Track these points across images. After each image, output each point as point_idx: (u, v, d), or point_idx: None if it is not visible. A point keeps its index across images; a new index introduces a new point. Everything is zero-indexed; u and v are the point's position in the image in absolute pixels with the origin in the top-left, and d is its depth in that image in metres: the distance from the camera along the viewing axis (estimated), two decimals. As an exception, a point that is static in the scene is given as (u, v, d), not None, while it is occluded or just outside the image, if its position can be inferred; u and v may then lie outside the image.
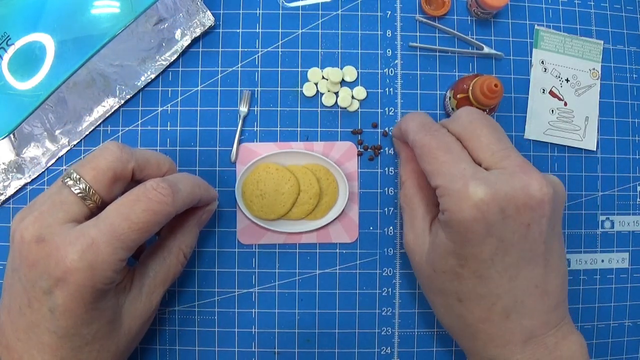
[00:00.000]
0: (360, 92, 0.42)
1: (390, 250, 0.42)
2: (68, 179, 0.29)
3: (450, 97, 0.40)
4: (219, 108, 0.42)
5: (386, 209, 0.42)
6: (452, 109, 0.40)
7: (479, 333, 0.32)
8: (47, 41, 0.35)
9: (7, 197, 0.41)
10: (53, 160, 0.41)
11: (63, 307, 0.28)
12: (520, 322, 0.31)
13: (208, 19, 0.41)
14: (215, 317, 0.41)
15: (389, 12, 0.43)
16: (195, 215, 0.35)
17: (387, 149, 0.42)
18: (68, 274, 0.27)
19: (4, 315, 0.30)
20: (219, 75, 0.42)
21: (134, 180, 0.32)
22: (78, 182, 0.29)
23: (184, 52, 0.42)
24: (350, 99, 0.42)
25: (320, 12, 0.43)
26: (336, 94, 0.42)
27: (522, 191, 0.29)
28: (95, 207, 0.30)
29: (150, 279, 0.33)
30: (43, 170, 0.41)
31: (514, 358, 0.31)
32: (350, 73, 0.42)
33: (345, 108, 0.42)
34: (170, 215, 0.30)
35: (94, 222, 0.28)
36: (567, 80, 0.43)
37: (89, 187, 0.29)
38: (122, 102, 0.41)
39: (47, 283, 0.28)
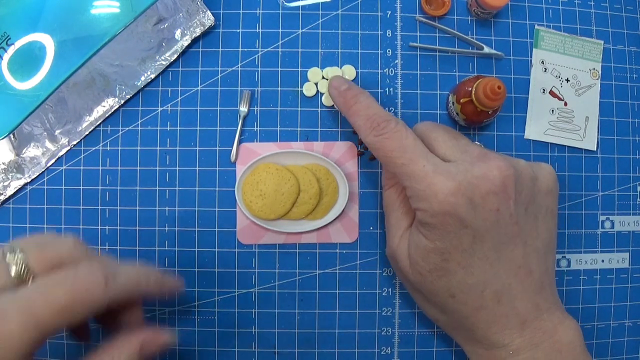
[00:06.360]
0: None
1: (390, 250, 0.42)
2: (9, 255, 0.26)
3: (453, 102, 0.40)
4: (219, 108, 0.42)
5: (386, 209, 0.42)
6: (457, 113, 0.40)
7: (476, 323, 0.33)
8: (47, 41, 0.35)
9: (7, 197, 0.41)
10: (53, 160, 0.41)
11: None
12: (512, 304, 0.32)
13: (208, 18, 0.41)
14: (215, 317, 0.41)
15: (389, 12, 0.43)
16: (139, 337, 0.28)
17: (387, 149, 0.42)
18: None
19: None
20: (219, 75, 0.42)
21: None
22: (18, 264, 0.26)
23: (184, 52, 0.42)
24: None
25: (320, 12, 0.43)
26: (336, 94, 0.42)
27: (483, 178, 0.30)
28: (24, 284, 0.26)
29: None
30: (43, 170, 0.41)
31: (514, 342, 0.32)
32: (349, 72, 0.42)
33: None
34: (99, 306, 0.26)
35: (10, 292, 0.25)
36: (567, 80, 0.43)
37: (26, 271, 0.26)
38: (122, 102, 0.41)
39: None
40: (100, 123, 0.41)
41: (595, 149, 0.43)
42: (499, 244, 0.31)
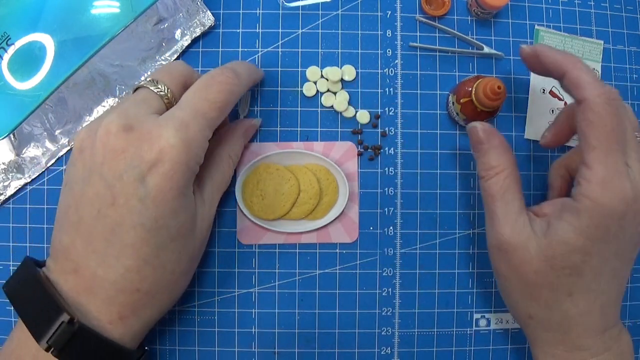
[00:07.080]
0: (364, 115, 0.42)
1: (390, 251, 0.41)
2: (147, 84, 0.33)
3: (453, 102, 0.40)
4: (219, 108, 0.42)
5: (386, 209, 0.42)
6: (457, 113, 0.40)
7: (576, 326, 0.32)
8: (47, 41, 0.35)
9: (7, 197, 0.41)
10: (53, 160, 0.41)
11: (155, 192, 0.29)
12: (608, 314, 0.32)
13: (208, 18, 0.41)
14: (215, 317, 0.41)
15: (389, 12, 0.43)
16: (242, 126, 0.39)
17: (387, 148, 0.42)
18: (163, 152, 0.29)
19: (71, 235, 0.30)
20: (219, 75, 0.42)
21: None
22: (156, 84, 0.32)
23: (184, 52, 0.42)
24: (347, 104, 0.42)
25: (320, 12, 0.43)
26: (335, 94, 0.42)
27: None
28: (172, 106, 0.33)
29: (209, 185, 0.35)
30: (43, 170, 0.41)
31: (594, 346, 0.32)
32: (349, 72, 0.42)
33: (341, 112, 0.42)
34: (240, 93, 0.34)
35: (176, 107, 0.31)
36: (567, 80, 0.43)
37: (166, 88, 0.32)
38: (122, 102, 0.41)
39: (138, 169, 0.29)
40: (100, 123, 0.41)
41: (595, 149, 0.43)
42: (629, 260, 0.32)
